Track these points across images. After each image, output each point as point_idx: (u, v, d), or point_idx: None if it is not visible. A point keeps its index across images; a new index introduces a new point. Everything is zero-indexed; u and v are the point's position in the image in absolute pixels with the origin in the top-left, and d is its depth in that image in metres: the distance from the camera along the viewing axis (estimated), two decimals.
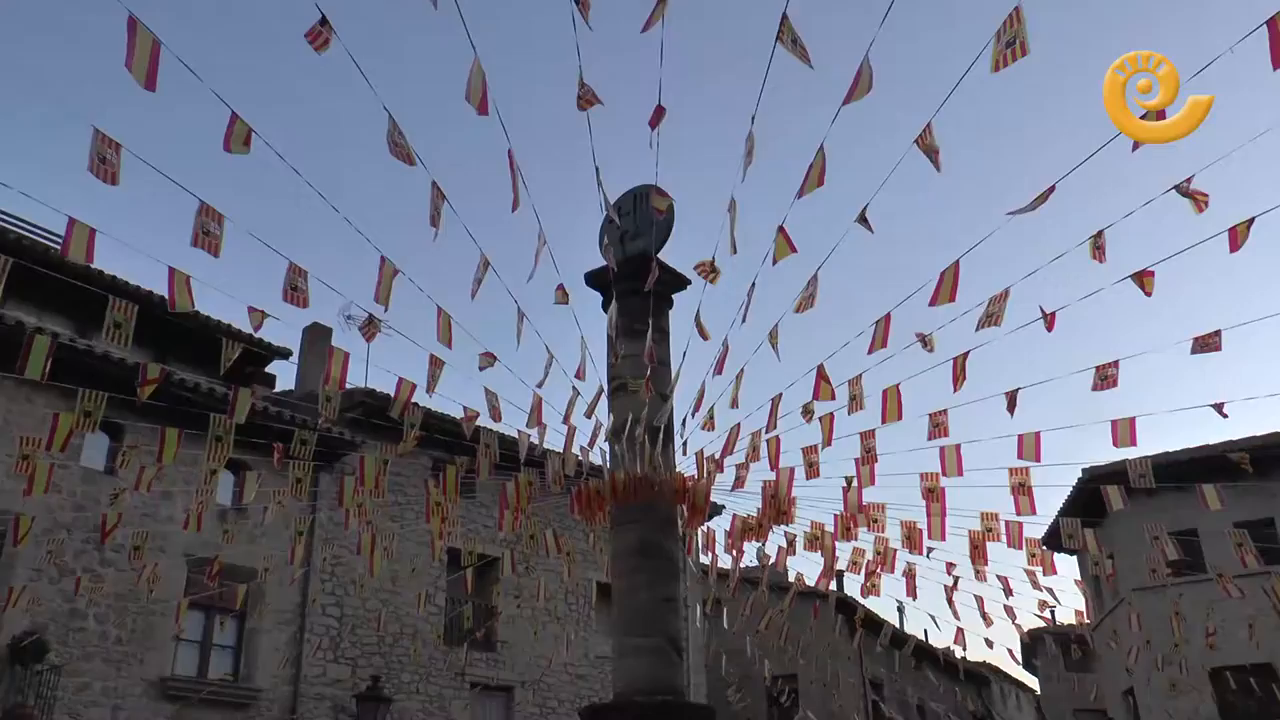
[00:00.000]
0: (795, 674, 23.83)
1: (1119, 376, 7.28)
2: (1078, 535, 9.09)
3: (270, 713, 17.43)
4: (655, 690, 9.00)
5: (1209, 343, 6.92)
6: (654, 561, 9.14)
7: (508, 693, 20.85)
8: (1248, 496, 21.11)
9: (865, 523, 9.11)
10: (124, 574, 15.18)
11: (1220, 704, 21.61)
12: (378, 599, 18.28)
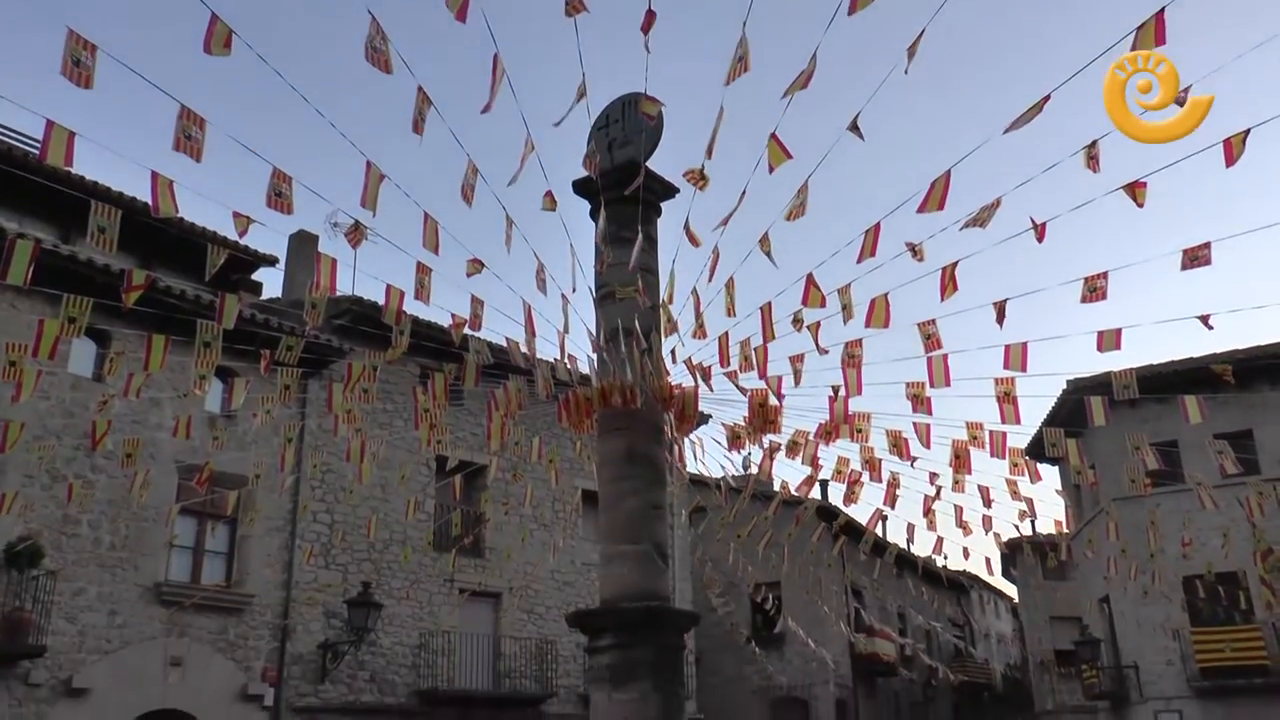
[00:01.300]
0: (779, 581, 24.27)
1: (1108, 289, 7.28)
2: (1060, 445, 9.19)
3: (262, 618, 17.73)
4: (641, 596, 9.15)
5: (1199, 255, 6.90)
6: (640, 469, 9.22)
7: (495, 599, 21.22)
8: (1228, 409, 21.42)
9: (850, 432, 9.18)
10: (115, 480, 15.29)
11: (1190, 611, 22.20)
12: (367, 506, 18.48)
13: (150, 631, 16.27)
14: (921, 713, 35.34)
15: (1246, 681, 21.77)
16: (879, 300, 7.75)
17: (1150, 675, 23.10)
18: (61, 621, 15.32)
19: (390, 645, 19.25)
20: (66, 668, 15.28)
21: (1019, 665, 42.56)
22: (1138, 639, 23.27)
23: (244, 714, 17.14)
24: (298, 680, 17.95)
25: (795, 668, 28.54)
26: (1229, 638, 22.03)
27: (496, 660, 20.84)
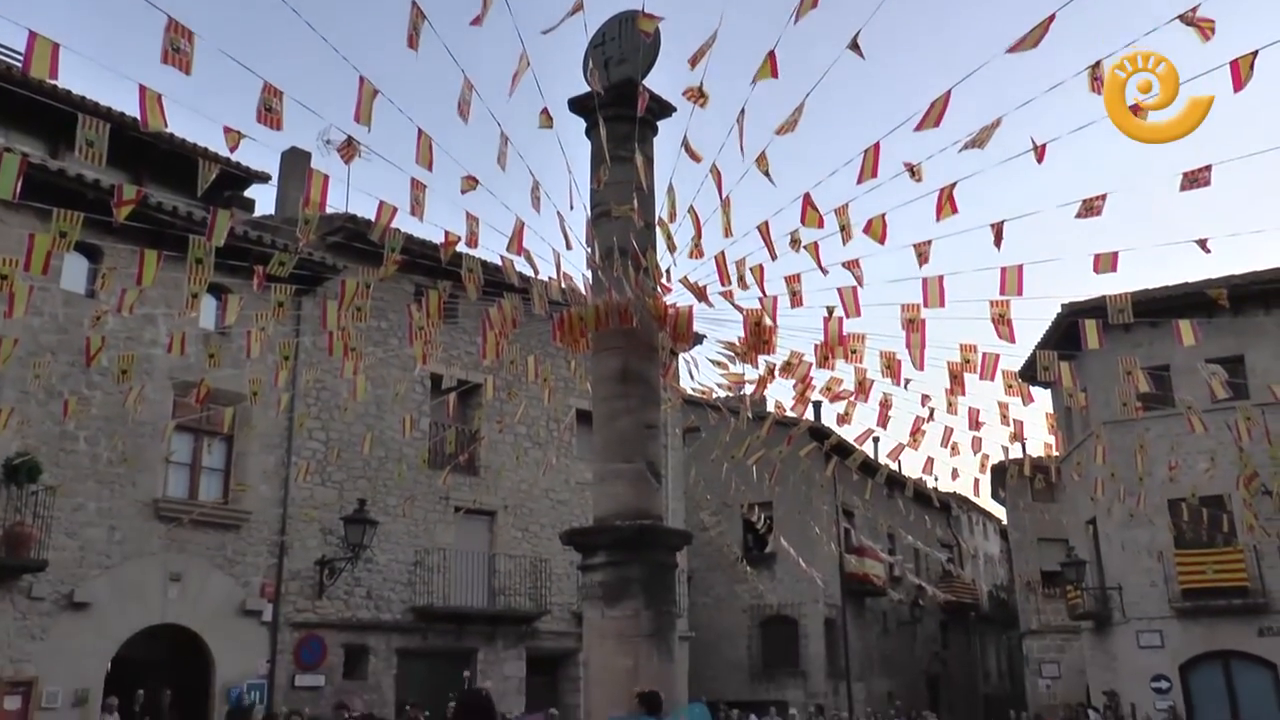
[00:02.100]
0: (770, 501, 24.54)
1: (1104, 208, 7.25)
2: (1053, 368, 9.23)
3: (260, 534, 17.92)
4: (634, 515, 9.26)
5: (1198, 178, 6.86)
6: (635, 388, 9.26)
7: (490, 517, 21.44)
8: (1221, 334, 21.50)
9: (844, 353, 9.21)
10: (111, 397, 15.32)
11: (1175, 533, 22.53)
12: (363, 424, 18.56)
13: (149, 547, 16.45)
14: (909, 632, 35.99)
15: (1226, 602, 22.19)
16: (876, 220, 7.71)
17: (1133, 596, 23.52)
18: (62, 536, 15.47)
19: (386, 562, 19.49)
20: (68, 582, 15.47)
21: (1005, 586, 43.27)
22: (1122, 561, 23.63)
23: (243, 629, 17.41)
24: (295, 596, 18.20)
25: (785, 587, 29.00)
26: (1211, 560, 22.39)
27: (491, 578, 21.12)
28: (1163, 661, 22.85)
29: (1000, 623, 43.21)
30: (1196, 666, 22.80)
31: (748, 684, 29.34)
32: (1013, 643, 40.43)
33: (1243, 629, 22.20)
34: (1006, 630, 42.21)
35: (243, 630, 17.39)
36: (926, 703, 33.75)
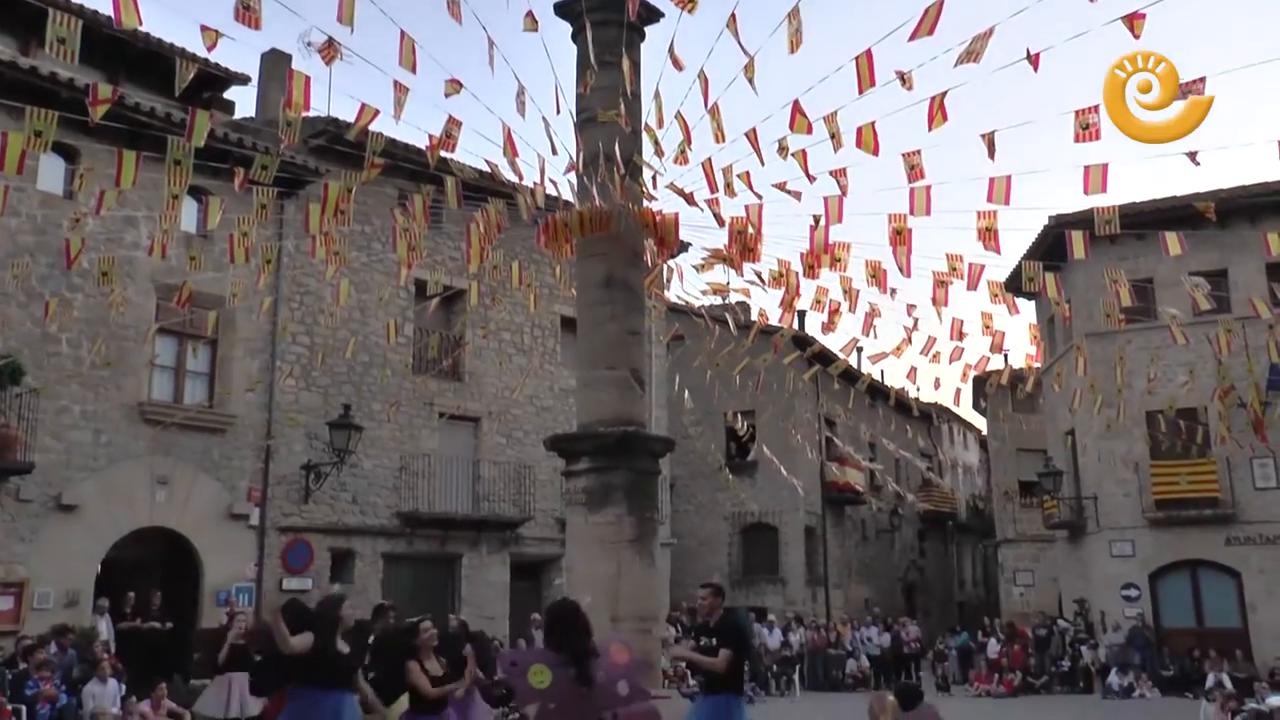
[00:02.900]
0: (753, 410, 24.74)
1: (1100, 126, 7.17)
2: (1038, 278, 9.24)
3: (245, 438, 17.98)
4: (618, 421, 9.33)
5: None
6: (619, 294, 9.25)
7: (474, 423, 21.55)
8: (1206, 247, 21.56)
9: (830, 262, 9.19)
10: (93, 299, 15.22)
11: (1151, 445, 22.88)
12: (347, 329, 18.53)
13: (136, 450, 16.50)
14: (887, 540, 36.64)
15: (1196, 512, 22.64)
16: (866, 128, 7.63)
17: (1108, 506, 23.95)
18: (48, 439, 15.50)
19: (371, 468, 19.64)
20: (56, 484, 15.55)
21: (983, 495, 43.97)
22: (1098, 471, 24.02)
23: (230, 533, 17.58)
24: (281, 500, 18.35)
25: (766, 495, 29.38)
26: (1185, 471, 22.79)
27: (475, 484, 21.32)
28: (1133, 570, 23.39)
29: (977, 532, 43.99)
30: (1165, 575, 23.36)
31: (728, 590, 29.86)
32: (988, 551, 41.21)
33: (1211, 538, 22.69)
34: (983, 539, 43.00)
35: (230, 534, 17.57)
36: (903, 610, 34.53)
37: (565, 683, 5.03)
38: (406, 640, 7.72)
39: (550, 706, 5.02)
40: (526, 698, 5.23)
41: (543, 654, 5.20)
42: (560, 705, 5.01)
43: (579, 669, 5.07)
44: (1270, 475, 22.37)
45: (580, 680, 5.04)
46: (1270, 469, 22.35)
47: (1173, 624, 22.97)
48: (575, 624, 5.26)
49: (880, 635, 24.92)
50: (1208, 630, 22.55)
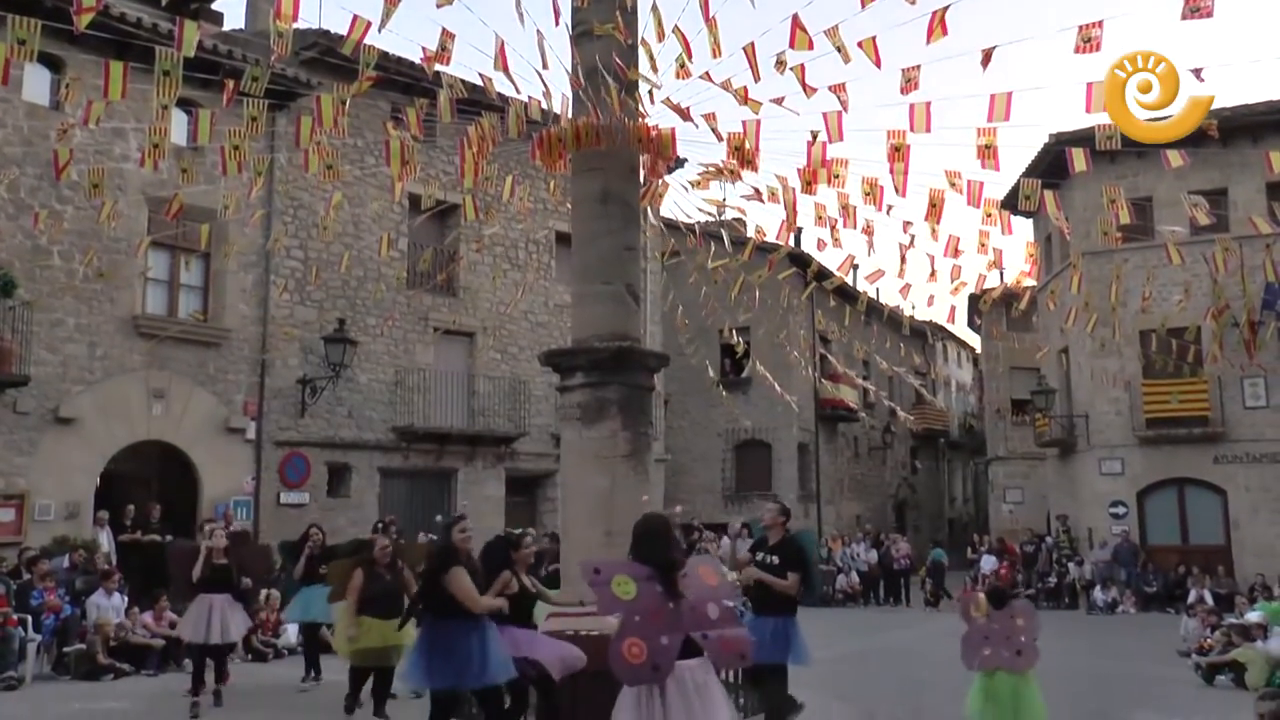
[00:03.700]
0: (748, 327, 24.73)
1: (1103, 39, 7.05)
2: (1036, 196, 9.17)
3: (241, 352, 18.00)
4: (612, 337, 9.32)
5: (1200, 7, 6.66)
6: (615, 209, 9.18)
7: (469, 338, 21.57)
8: (1207, 167, 21.42)
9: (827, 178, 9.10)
10: (83, 211, 15.11)
11: (1144, 363, 22.99)
12: (341, 243, 18.43)
13: (131, 364, 16.52)
14: (879, 457, 36.98)
15: (1187, 431, 22.85)
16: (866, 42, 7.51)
17: (1099, 424, 24.15)
18: (43, 352, 15.51)
19: (367, 382, 19.70)
20: (52, 397, 15.60)
21: (976, 413, 44.28)
22: (1091, 390, 24.16)
23: (227, 446, 17.70)
24: (278, 414, 18.44)
25: (760, 411, 29.56)
26: (1176, 389, 22.93)
27: (470, 399, 21.42)
28: (1122, 487, 23.68)
29: (968, 449, 44.41)
30: (1152, 492, 23.67)
31: (721, 506, 30.26)
32: (979, 469, 41.67)
33: (1199, 456, 22.95)
34: (974, 456, 43.43)
35: (227, 447, 17.69)
36: (893, 526, 35.00)
37: (651, 596, 4.83)
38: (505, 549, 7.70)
39: (635, 619, 4.82)
40: (609, 607, 5.02)
41: (629, 565, 4.96)
42: (646, 618, 4.80)
43: (666, 583, 4.85)
44: (1261, 394, 22.54)
45: (668, 595, 4.83)
46: (1261, 388, 22.52)
47: (1158, 541, 23.34)
48: (664, 537, 5.05)
49: (868, 552, 25.27)
50: (1192, 547, 22.93)
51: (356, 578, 9.07)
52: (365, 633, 8.89)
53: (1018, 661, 7.39)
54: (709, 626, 4.78)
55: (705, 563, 5.13)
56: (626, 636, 4.77)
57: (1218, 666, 11.59)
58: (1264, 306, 21.83)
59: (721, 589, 4.90)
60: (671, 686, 4.73)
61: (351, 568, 9.24)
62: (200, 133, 9.40)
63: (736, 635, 4.84)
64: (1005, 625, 7.49)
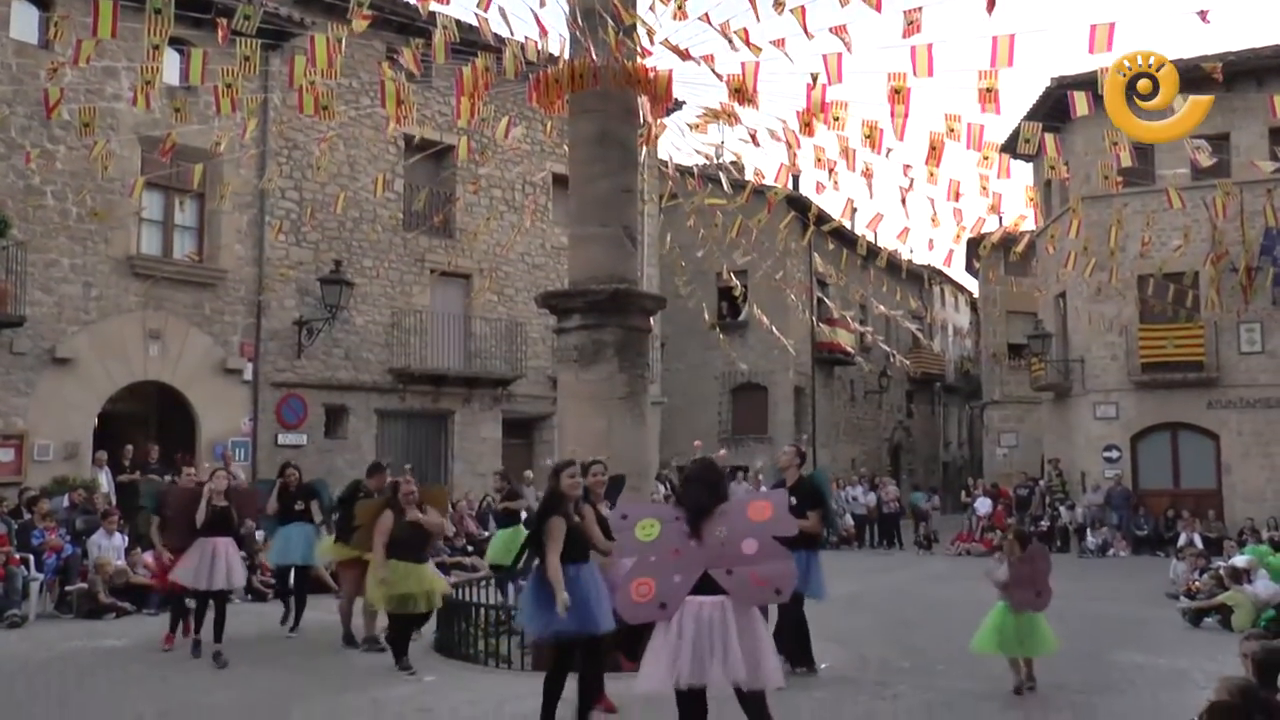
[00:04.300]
0: (745, 270, 24.68)
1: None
2: (1036, 139, 9.12)
3: (237, 293, 17.96)
4: (609, 279, 9.32)
5: None
6: (612, 151, 9.13)
7: (466, 280, 21.51)
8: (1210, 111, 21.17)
9: (826, 120, 9.04)
10: (75, 151, 15.00)
11: (1141, 308, 23.00)
12: (336, 184, 18.31)
13: (127, 304, 16.50)
14: (875, 401, 37.08)
15: (1181, 376, 22.92)
16: None
17: (1094, 369, 24.21)
18: (38, 292, 15.48)
19: (363, 324, 19.68)
20: (48, 338, 15.60)
21: (972, 357, 44.35)
22: (1087, 334, 24.18)
23: (224, 387, 17.73)
24: (275, 356, 18.45)
25: (757, 354, 29.58)
26: (1173, 335, 22.97)
27: (467, 341, 21.42)
28: (1116, 432, 23.81)
29: (964, 393, 44.53)
30: (1146, 437, 23.80)
31: (717, 449, 30.38)
32: (974, 413, 41.82)
33: (1193, 401, 23.05)
34: (969, 400, 43.56)
35: (224, 388, 17.72)
36: (888, 469, 35.20)
37: (673, 537, 4.93)
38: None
39: (650, 559, 4.95)
40: (627, 550, 5.21)
41: (658, 508, 5.17)
42: (660, 559, 4.93)
43: (692, 523, 4.94)
44: (1256, 340, 22.59)
45: (691, 535, 4.92)
46: (1257, 333, 22.56)
47: (1150, 485, 23.51)
48: (707, 482, 5.11)
49: (866, 495, 25.45)
50: (1183, 491, 23.10)
51: (385, 519, 8.74)
52: (400, 578, 8.53)
53: (1038, 602, 7.79)
54: (741, 563, 4.79)
55: (761, 498, 5.15)
56: (637, 577, 4.93)
57: (1204, 610, 11.74)
58: (1262, 252, 21.80)
59: (770, 524, 4.87)
60: (688, 623, 4.81)
61: (379, 509, 8.95)
62: (192, 72, 9.29)
63: (770, 570, 4.81)
64: (1029, 567, 7.86)
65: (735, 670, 4.76)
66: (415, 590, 8.57)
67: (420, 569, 8.71)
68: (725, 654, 4.76)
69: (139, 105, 10.14)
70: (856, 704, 7.10)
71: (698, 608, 4.82)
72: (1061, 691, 7.96)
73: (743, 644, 4.80)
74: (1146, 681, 8.47)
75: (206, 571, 9.15)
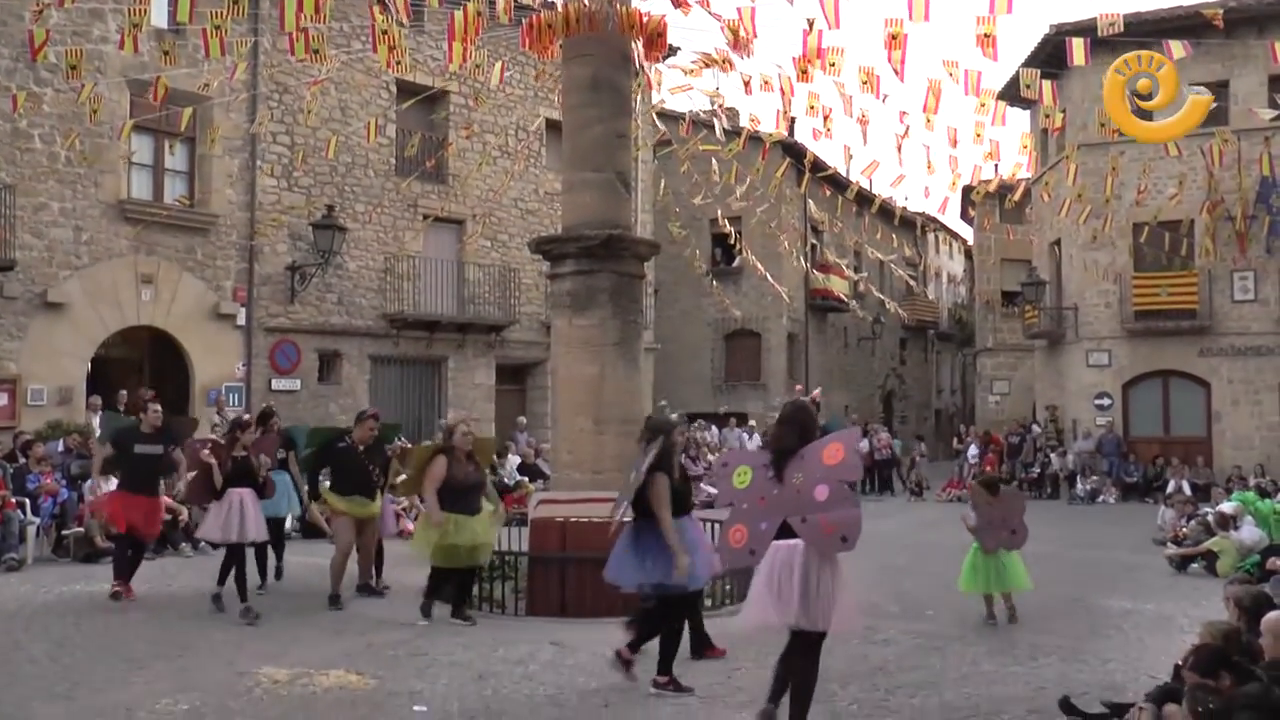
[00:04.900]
0: (739, 216, 24.60)
1: None
2: (1035, 86, 9.05)
3: (229, 238, 17.86)
4: (603, 224, 9.29)
5: None
6: (606, 96, 9.05)
7: (459, 225, 21.41)
8: (1210, 59, 21.10)
9: (823, 66, 8.96)
10: (63, 94, 14.80)
11: (1135, 256, 23.00)
12: (328, 128, 18.13)
13: (118, 249, 16.40)
14: (868, 348, 37.14)
15: (1174, 324, 22.98)
16: None
17: (1087, 317, 24.25)
18: (27, 236, 15.38)
19: (356, 269, 19.61)
20: (39, 282, 15.53)
21: (965, 305, 44.37)
22: (1081, 282, 24.19)
23: (218, 333, 17.69)
24: (267, 301, 18.40)
25: (750, 301, 29.59)
26: (1166, 283, 22.99)
27: (460, 286, 21.36)
28: (1108, 380, 23.91)
29: (957, 341, 44.60)
30: (1137, 384, 23.91)
31: (710, 396, 30.51)
32: (967, 360, 41.94)
33: (1185, 349, 23.13)
34: (963, 348, 43.65)
35: (217, 333, 17.69)
36: (880, 416, 35.34)
37: (761, 484, 5.02)
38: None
39: (743, 507, 5.05)
40: (725, 498, 5.30)
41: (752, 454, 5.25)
42: (750, 506, 5.02)
43: (776, 467, 5.01)
44: (1250, 288, 22.62)
45: (775, 481, 4.99)
46: (1250, 282, 22.59)
47: (1140, 433, 23.67)
48: (796, 424, 5.15)
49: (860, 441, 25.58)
50: (1173, 438, 23.28)
51: (438, 465, 8.28)
52: (456, 530, 8.17)
53: (1013, 540, 8.41)
54: (814, 509, 4.83)
55: (836, 439, 5.09)
56: (733, 523, 5.11)
57: (1191, 556, 11.88)
58: (1258, 200, 21.76)
59: (841, 469, 4.90)
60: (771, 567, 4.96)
61: (431, 455, 8.49)
62: (180, 13, 9.16)
63: (840, 517, 4.83)
64: (1001, 510, 8.46)
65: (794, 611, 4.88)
66: (463, 543, 8.21)
67: (471, 521, 8.27)
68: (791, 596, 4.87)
69: (126, 49, 10.00)
70: (848, 648, 7.19)
71: (774, 551, 4.97)
72: (1049, 636, 8.08)
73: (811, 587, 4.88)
74: (1133, 626, 8.59)
75: (237, 524, 8.78)
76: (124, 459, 9.37)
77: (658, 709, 5.98)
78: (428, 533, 8.27)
